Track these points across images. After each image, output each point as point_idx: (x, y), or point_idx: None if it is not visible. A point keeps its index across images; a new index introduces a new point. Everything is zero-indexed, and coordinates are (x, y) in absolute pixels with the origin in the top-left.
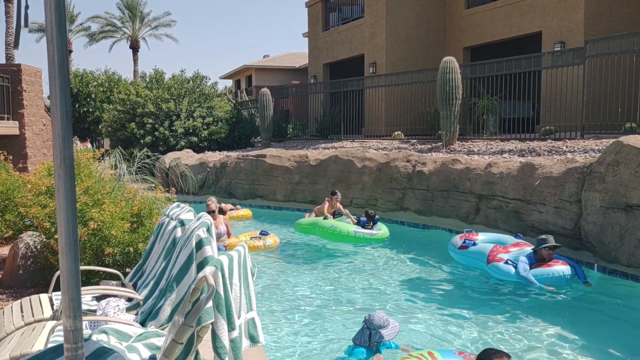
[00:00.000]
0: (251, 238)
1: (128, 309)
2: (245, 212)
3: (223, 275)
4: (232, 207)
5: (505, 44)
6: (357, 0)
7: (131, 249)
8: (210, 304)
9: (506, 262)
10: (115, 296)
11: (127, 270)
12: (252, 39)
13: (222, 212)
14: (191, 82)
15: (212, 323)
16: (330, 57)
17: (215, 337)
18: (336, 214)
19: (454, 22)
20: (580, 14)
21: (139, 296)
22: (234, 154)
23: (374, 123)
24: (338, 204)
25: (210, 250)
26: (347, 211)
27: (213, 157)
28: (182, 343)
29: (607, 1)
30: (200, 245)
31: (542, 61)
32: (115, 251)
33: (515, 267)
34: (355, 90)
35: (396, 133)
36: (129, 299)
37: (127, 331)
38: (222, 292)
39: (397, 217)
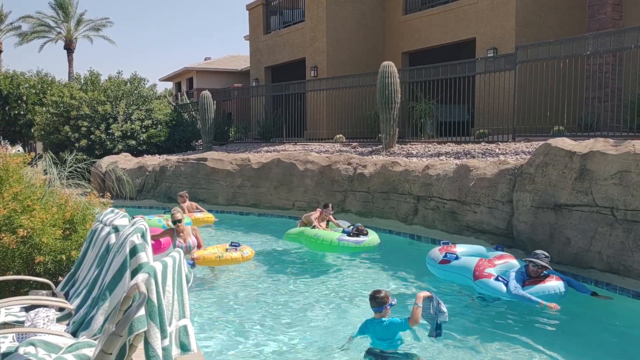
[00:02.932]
0: (227, 250)
1: (59, 320)
2: (209, 216)
3: (156, 282)
4: (198, 207)
5: (442, 50)
6: (297, 4)
7: (63, 257)
8: (142, 312)
9: (496, 279)
10: (45, 306)
11: (60, 279)
12: (193, 41)
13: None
14: (129, 84)
15: (144, 331)
16: (272, 60)
17: (147, 345)
18: (329, 224)
19: (392, 27)
20: (512, 21)
21: (71, 306)
22: (174, 158)
23: (316, 126)
24: (330, 217)
25: (145, 256)
26: (338, 222)
27: (152, 160)
28: (110, 353)
29: (537, 9)
30: (134, 251)
31: (476, 66)
32: (46, 259)
33: (507, 285)
34: (297, 93)
35: (338, 136)
36: (61, 309)
37: (57, 342)
38: (155, 300)
39: (339, 218)
